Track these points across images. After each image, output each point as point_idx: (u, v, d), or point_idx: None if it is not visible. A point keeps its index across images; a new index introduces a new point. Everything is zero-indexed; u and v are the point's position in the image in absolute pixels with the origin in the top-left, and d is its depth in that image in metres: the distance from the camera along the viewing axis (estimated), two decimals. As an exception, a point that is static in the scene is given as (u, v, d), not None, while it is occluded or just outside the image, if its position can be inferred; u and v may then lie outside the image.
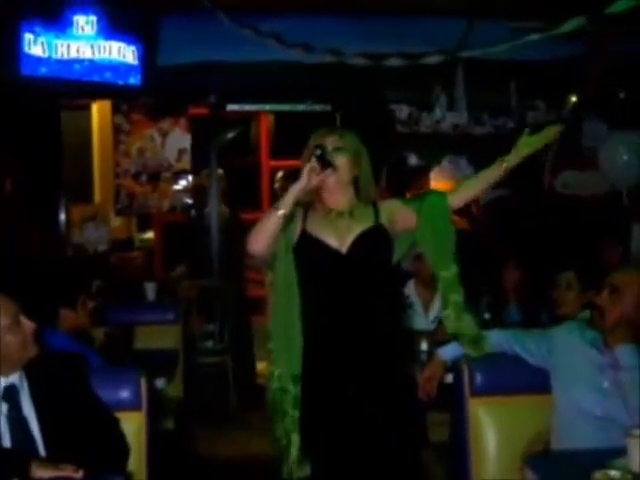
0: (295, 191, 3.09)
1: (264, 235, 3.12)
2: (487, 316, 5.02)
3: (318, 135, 3.26)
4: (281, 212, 3.08)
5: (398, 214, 3.29)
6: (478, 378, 3.35)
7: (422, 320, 4.87)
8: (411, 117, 8.01)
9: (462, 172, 8.07)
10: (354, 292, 3.18)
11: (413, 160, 8.01)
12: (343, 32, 7.11)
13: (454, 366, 3.48)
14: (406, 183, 7.79)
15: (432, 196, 3.39)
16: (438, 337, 4.40)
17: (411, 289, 4.94)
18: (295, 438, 3.18)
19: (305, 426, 3.18)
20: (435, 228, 3.31)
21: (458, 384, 3.41)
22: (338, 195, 3.26)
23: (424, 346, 4.35)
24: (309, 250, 3.22)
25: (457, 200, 3.39)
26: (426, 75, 7.29)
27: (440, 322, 4.72)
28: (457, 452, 3.48)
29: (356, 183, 3.28)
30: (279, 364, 3.22)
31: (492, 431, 3.33)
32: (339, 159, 3.19)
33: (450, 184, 7.98)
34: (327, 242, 3.21)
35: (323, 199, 3.27)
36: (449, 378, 3.58)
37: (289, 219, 3.16)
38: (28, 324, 2.71)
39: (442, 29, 7.00)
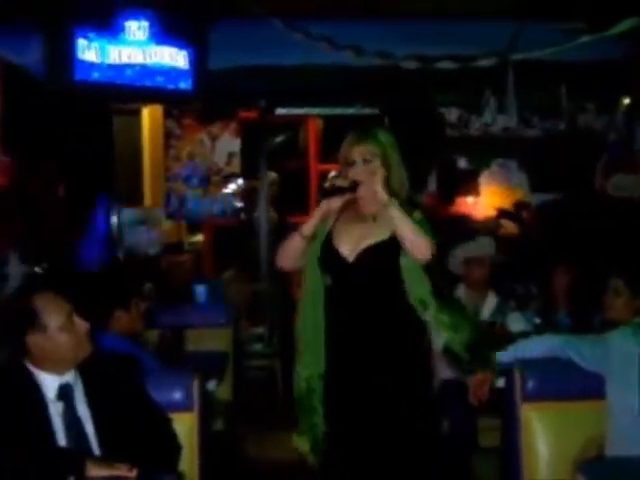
0: (317, 216, 3.27)
1: (289, 254, 3.35)
2: (537, 321, 4.97)
3: (347, 144, 3.31)
4: (304, 234, 3.27)
5: None
6: (530, 383, 3.31)
7: (472, 324, 4.82)
8: (460, 120, 7.98)
9: (512, 176, 8.01)
10: (360, 300, 3.26)
11: (463, 164, 7.96)
12: (393, 35, 7.12)
13: (505, 370, 3.45)
14: (456, 187, 7.76)
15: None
16: (489, 341, 4.37)
17: (461, 293, 4.90)
18: (320, 430, 3.34)
19: (330, 418, 3.32)
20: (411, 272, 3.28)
21: (509, 389, 3.37)
22: (367, 201, 3.29)
23: (474, 350, 4.30)
24: (325, 256, 3.32)
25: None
26: (475, 78, 7.26)
27: (491, 326, 4.71)
28: (508, 458, 3.44)
29: (388, 183, 3.27)
30: (307, 365, 3.37)
31: (544, 437, 3.28)
32: (367, 170, 3.23)
33: (500, 188, 7.94)
34: (340, 249, 3.29)
35: (356, 201, 3.32)
36: (500, 382, 3.54)
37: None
38: (82, 324, 2.74)
39: (491, 31, 6.97)
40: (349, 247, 3.28)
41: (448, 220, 7.63)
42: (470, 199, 7.84)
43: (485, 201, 7.87)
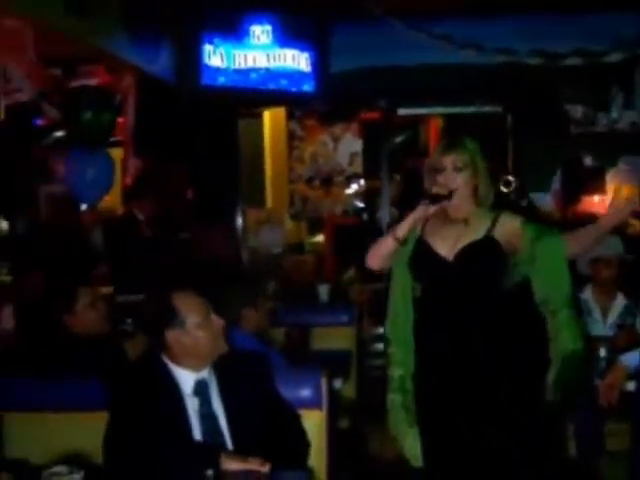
0: (412, 220, 3.35)
1: (380, 255, 3.45)
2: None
3: (437, 152, 3.44)
4: (398, 237, 3.36)
5: (513, 235, 3.35)
6: (663, 386, 3.23)
7: (600, 326, 4.72)
8: (586, 117, 7.80)
9: (640, 174, 7.79)
10: (460, 300, 3.32)
11: (588, 161, 7.79)
12: (515, 31, 7.03)
13: (637, 374, 3.37)
14: (582, 185, 7.60)
15: (549, 238, 3.36)
16: (618, 344, 4.28)
17: (588, 294, 4.80)
18: (415, 431, 3.41)
19: (421, 420, 3.40)
20: (551, 273, 3.31)
21: (641, 392, 3.30)
22: (458, 207, 3.39)
23: (602, 352, 4.24)
24: (421, 257, 3.41)
25: (572, 249, 3.37)
26: (601, 73, 7.10)
27: (620, 328, 4.60)
28: (638, 463, 3.37)
29: (476, 192, 3.40)
30: (400, 367, 3.45)
31: (677, 442, 3.20)
32: (458, 180, 3.34)
33: (627, 186, 7.73)
34: (437, 250, 3.38)
35: (444, 207, 3.40)
36: (631, 386, 3.47)
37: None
38: (218, 321, 2.83)
39: (618, 25, 6.80)
40: (446, 248, 3.37)
41: (574, 220, 7.49)
42: (596, 198, 7.66)
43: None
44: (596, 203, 7.63)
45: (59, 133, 6.20)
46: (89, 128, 5.58)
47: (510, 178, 7.55)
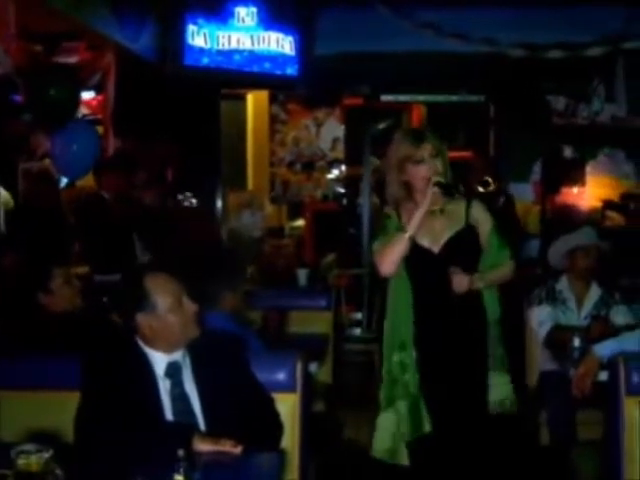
0: (420, 215, 3.37)
1: (395, 258, 3.43)
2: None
3: (409, 143, 3.45)
4: (409, 235, 3.38)
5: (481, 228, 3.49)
6: (635, 377, 3.25)
7: (574, 316, 4.75)
8: (567, 108, 7.83)
9: (619, 167, 7.84)
10: (446, 290, 3.39)
11: (568, 153, 7.83)
12: (500, 22, 7.04)
13: (610, 363, 3.40)
14: (561, 176, 7.64)
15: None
16: (592, 334, 4.31)
17: (564, 284, 4.82)
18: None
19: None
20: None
21: (613, 382, 3.32)
22: (437, 195, 3.43)
23: (577, 342, 4.25)
24: (409, 252, 3.44)
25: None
26: (584, 65, 7.11)
27: (594, 318, 4.63)
28: (609, 452, 3.40)
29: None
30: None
31: (647, 432, 3.23)
32: (438, 167, 3.40)
33: (606, 179, 7.78)
34: (420, 242, 3.44)
35: (415, 199, 3.45)
36: (603, 376, 3.50)
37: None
38: (191, 305, 2.80)
39: (601, 18, 6.83)
40: (429, 240, 3.44)
41: (552, 210, 7.53)
42: (575, 189, 7.71)
43: (591, 192, 7.74)
44: (575, 194, 7.67)
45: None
46: (51, 106, 5.48)
47: (488, 179, 7.56)
